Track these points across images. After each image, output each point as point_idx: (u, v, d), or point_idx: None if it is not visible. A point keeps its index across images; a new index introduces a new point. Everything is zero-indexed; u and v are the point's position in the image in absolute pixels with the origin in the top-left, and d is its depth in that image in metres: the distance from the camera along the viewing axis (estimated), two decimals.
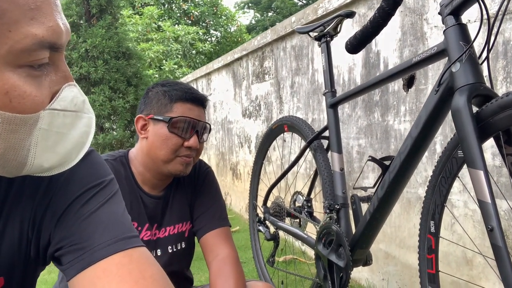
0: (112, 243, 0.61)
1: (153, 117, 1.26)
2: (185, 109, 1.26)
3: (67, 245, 0.62)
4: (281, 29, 3.09)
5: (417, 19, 1.83)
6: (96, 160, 0.71)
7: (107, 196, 0.67)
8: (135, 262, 0.61)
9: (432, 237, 1.17)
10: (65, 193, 0.65)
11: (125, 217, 0.67)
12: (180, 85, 1.30)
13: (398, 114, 1.95)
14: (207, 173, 1.43)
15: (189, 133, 1.25)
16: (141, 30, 12.39)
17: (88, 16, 5.59)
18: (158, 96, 1.28)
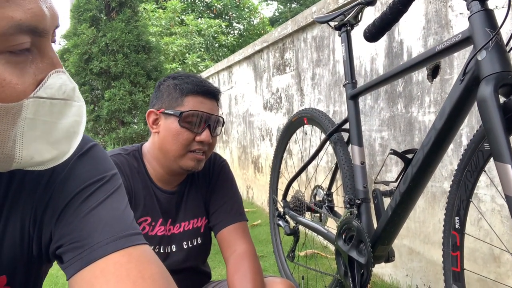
0: (111, 241, 0.59)
1: (164, 111, 1.23)
2: (196, 103, 1.22)
3: (67, 243, 0.60)
4: (301, 19, 3.04)
5: (442, 6, 1.76)
6: (97, 154, 0.69)
7: (108, 192, 0.65)
8: (134, 261, 0.59)
9: (457, 234, 1.12)
10: (65, 190, 0.63)
11: (126, 213, 0.65)
12: (192, 77, 1.26)
13: (423, 105, 1.88)
14: (222, 166, 1.40)
15: (201, 127, 1.22)
16: (164, 24, 12.45)
17: (108, 10, 5.64)
18: (169, 90, 1.25)
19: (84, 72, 5.51)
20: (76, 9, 5.64)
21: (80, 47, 5.45)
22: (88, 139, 0.70)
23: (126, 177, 1.24)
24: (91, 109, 5.59)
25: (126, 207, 0.66)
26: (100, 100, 5.64)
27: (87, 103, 5.63)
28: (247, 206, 4.31)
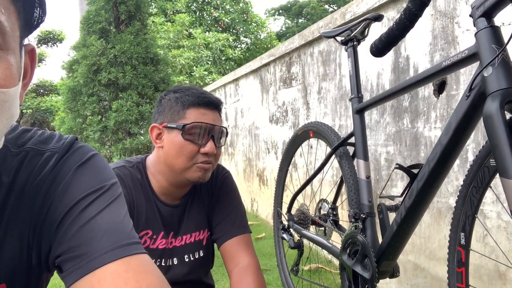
0: (109, 250, 0.59)
1: (167, 125, 1.23)
2: (198, 115, 1.22)
3: (66, 252, 0.60)
4: (308, 34, 3.06)
5: (448, 22, 1.77)
6: (97, 164, 0.69)
7: (107, 201, 0.65)
8: (132, 271, 0.59)
9: (462, 250, 1.12)
10: (64, 199, 0.63)
11: (125, 222, 0.65)
12: (193, 90, 1.26)
13: (429, 121, 1.89)
14: (225, 178, 1.39)
15: (205, 139, 1.22)
16: (172, 37, 12.56)
17: (117, 22, 5.70)
18: (170, 103, 1.25)
19: (92, 83, 5.56)
20: (85, 21, 5.71)
21: (89, 58, 5.50)
22: (88, 149, 0.70)
23: (129, 190, 1.23)
24: (98, 119, 5.63)
25: (125, 216, 0.66)
26: (108, 111, 5.68)
27: (94, 114, 5.66)
28: (251, 219, 4.29)
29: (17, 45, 0.57)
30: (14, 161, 0.65)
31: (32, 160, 0.66)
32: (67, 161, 0.67)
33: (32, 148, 0.67)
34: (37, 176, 0.65)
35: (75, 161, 0.67)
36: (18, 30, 0.57)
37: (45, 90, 13.75)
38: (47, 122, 12.92)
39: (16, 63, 0.56)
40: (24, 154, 0.66)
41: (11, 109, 0.55)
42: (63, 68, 6.04)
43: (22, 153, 0.66)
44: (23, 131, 0.69)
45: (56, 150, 0.67)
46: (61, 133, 0.72)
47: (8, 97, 0.54)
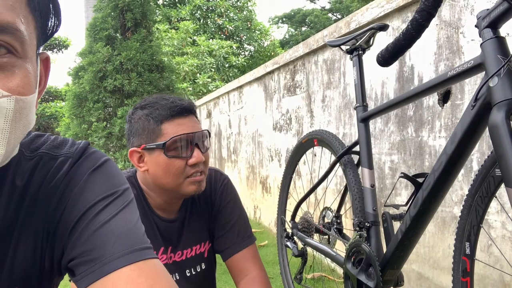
0: (122, 255, 0.60)
1: (146, 147, 1.17)
2: (175, 127, 1.15)
3: (79, 256, 0.61)
4: (313, 42, 3.07)
5: (453, 32, 1.78)
6: (110, 169, 0.70)
7: (120, 206, 0.65)
8: (144, 276, 0.59)
9: (467, 259, 1.12)
10: (78, 204, 0.64)
11: (138, 227, 0.65)
12: (161, 101, 1.19)
13: (433, 130, 1.89)
14: (224, 186, 1.34)
15: (189, 150, 1.16)
16: (176, 44, 12.63)
17: (123, 29, 5.75)
18: (142, 123, 1.18)
19: (98, 89, 5.59)
20: (92, 28, 5.76)
21: (95, 65, 5.54)
22: (100, 155, 0.71)
23: None
24: (103, 126, 5.65)
25: (137, 221, 0.67)
26: (113, 118, 5.70)
27: (100, 120, 5.68)
28: (254, 226, 4.29)
29: (34, 54, 0.58)
30: (28, 165, 0.66)
31: (46, 164, 0.67)
32: (81, 166, 0.68)
33: (46, 153, 0.68)
34: (51, 180, 0.66)
35: (89, 166, 0.68)
36: (35, 38, 0.58)
37: (50, 95, 13.82)
38: (51, 128, 12.96)
39: (33, 71, 0.57)
40: (38, 159, 0.67)
41: (28, 116, 0.56)
42: (69, 75, 6.08)
43: (36, 157, 0.67)
44: (36, 136, 0.70)
45: (69, 155, 0.68)
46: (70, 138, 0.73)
47: (26, 104, 0.55)
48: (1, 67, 0.52)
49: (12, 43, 0.52)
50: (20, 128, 0.55)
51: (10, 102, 0.52)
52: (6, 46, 0.52)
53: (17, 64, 0.54)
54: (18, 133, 0.55)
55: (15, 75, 0.53)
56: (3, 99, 0.51)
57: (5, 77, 0.52)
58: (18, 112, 0.53)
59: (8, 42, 0.52)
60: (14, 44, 0.53)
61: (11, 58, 0.53)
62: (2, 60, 0.52)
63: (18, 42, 0.53)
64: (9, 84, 0.52)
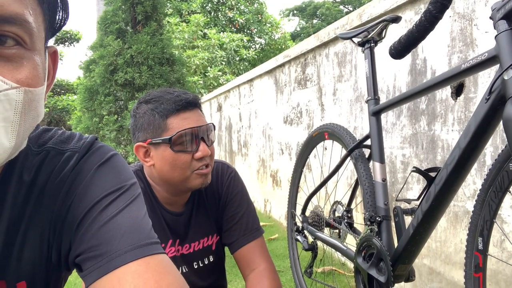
0: (129, 250, 0.60)
1: (151, 142, 1.17)
2: (180, 121, 1.15)
3: (86, 252, 0.61)
4: (324, 35, 3.05)
5: (467, 24, 1.75)
6: (117, 164, 0.70)
7: (127, 201, 0.65)
8: (151, 271, 0.59)
9: (479, 255, 1.10)
10: (85, 199, 0.64)
11: (145, 222, 0.65)
12: (166, 96, 1.18)
13: (446, 123, 1.87)
14: (231, 179, 1.33)
15: (195, 144, 1.16)
16: (187, 37, 12.63)
17: (134, 22, 5.75)
18: (147, 117, 1.17)
19: (109, 83, 5.62)
20: (103, 21, 5.77)
21: (106, 58, 5.56)
22: (108, 149, 0.71)
23: None
24: (114, 119, 5.68)
25: (144, 216, 0.66)
26: (124, 111, 5.73)
27: (111, 113, 5.71)
28: (264, 219, 4.29)
29: (43, 46, 0.58)
30: (35, 160, 0.66)
31: (53, 159, 0.67)
32: (88, 161, 0.67)
33: (53, 147, 0.68)
34: (58, 175, 0.66)
35: (96, 161, 0.68)
36: (44, 31, 0.58)
37: (61, 89, 13.93)
38: (63, 121, 13.08)
39: (42, 64, 0.57)
40: (45, 153, 0.67)
41: (37, 108, 0.56)
42: (81, 68, 6.12)
43: (43, 152, 0.67)
44: (43, 131, 0.70)
45: (76, 149, 0.68)
46: (78, 132, 0.73)
47: (35, 96, 0.55)
48: (10, 58, 0.52)
49: (21, 35, 0.52)
50: (29, 121, 0.55)
51: (19, 93, 0.52)
52: (15, 37, 0.52)
53: (26, 56, 0.54)
54: (27, 126, 0.55)
55: (24, 66, 0.53)
56: (12, 91, 0.51)
57: (14, 69, 0.52)
58: (27, 104, 0.53)
59: (16, 33, 0.52)
60: (23, 36, 0.53)
61: (20, 50, 0.53)
62: (11, 52, 0.52)
63: (27, 33, 0.53)
64: (18, 75, 0.52)
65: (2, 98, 0.50)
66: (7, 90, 0.50)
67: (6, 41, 0.52)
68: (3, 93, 0.50)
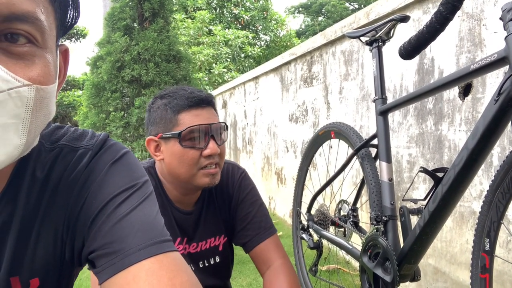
0: (143, 248, 0.60)
1: (162, 136, 1.17)
2: (191, 118, 1.15)
3: (99, 249, 0.62)
4: (330, 33, 3.04)
5: (475, 24, 1.74)
6: (130, 161, 0.70)
7: (140, 198, 0.66)
8: (165, 269, 0.59)
9: (486, 256, 1.10)
10: (98, 196, 0.65)
11: (157, 220, 0.66)
12: (180, 92, 1.19)
13: (453, 124, 1.86)
14: (241, 180, 1.34)
15: (205, 141, 1.16)
16: (192, 34, 12.62)
17: (141, 19, 5.76)
18: (160, 112, 1.19)
19: (116, 79, 5.63)
20: (110, 17, 5.78)
21: (113, 55, 5.57)
22: (120, 147, 0.71)
23: None
24: (121, 115, 5.69)
25: (157, 213, 0.67)
26: (130, 107, 5.74)
27: (117, 110, 5.72)
28: None
29: (54, 45, 0.59)
30: (48, 157, 0.66)
31: (66, 156, 0.67)
32: (101, 158, 0.68)
33: (66, 144, 0.68)
34: (71, 172, 0.66)
35: (109, 158, 0.68)
36: (55, 29, 0.58)
37: (68, 84, 13.97)
38: (69, 117, 13.13)
39: (53, 62, 0.57)
40: (58, 150, 0.67)
41: (49, 106, 0.57)
42: (88, 64, 6.13)
43: (56, 149, 0.67)
44: (56, 128, 0.71)
45: (90, 147, 0.68)
46: (84, 128, 0.73)
47: (47, 94, 0.55)
48: (22, 56, 0.52)
49: (33, 33, 0.53)
50: (40, 118, 0.55)
51: (31, 91, 0.52)
52: (26, 35, 0.52)
53: (37, 54, 0.54)
54: (38, 123, 0.55)
55: (36, 64, 0.53)
56: (24, 88, 0.51)
57: (25, 66, 0.52)
58: (38, 102, 0.54)
59: (28, 31, 0.52)
60: (35, 34, 0.53)
61: (31, 48, 0.53)
62: (23, 49, 0.52)
63: (38, 31, 0.53)
64: (30, 73, 0.52)
65: (13, 96, 0.50)
66: (18, 87, 0.51)
67: (18, 39, 0.52)
68: (14, 90, 0.50)
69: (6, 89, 0.50)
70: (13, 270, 0.63)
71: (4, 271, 0.62)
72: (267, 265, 1.22)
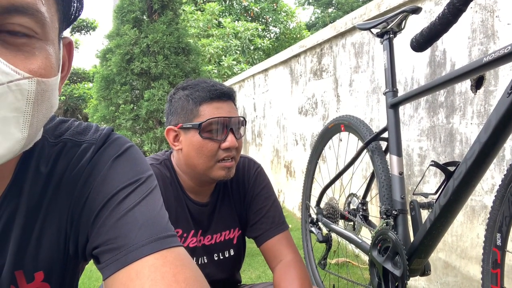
0: (147, 243, 0.60)
1: (182, 126, 1.19)
2: (212, 110, 1.17)
3: (103, 244, 0.61)
4: (341, 25, 3.02)
5: (488, 16, 1.71)
6: (134, 155, 0.69)
7: (144, 193, 0.65)
8: (169, 264, 0.59)
9: (498, 251, 1.09)
10: (102, 191, 0.64)
11: (161, 215, 0.65)
12: (202, 84, 1.20)
13: (465, 117, 1.84)
14: (257, 174, 1.34)
15: (224, 134, 1.17)
16: (202, 26, 12.60)
17: (150, 12, 5.75)
18: (182, 102, 1.20)
19: (125, 72, 5.64)
20: (119, 10, 5.78)
21: (122, 48, 5.58)
22: (124, 141, 0.71)
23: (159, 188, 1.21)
24: (130, 108, 5.71)
25: (161, 208, 0.66)
26: (140, 100, 5.75)
27: (127, 102, 5.74)
28: None
29: (56, 37, 0.58)
30: (51, 152, 0.66)
31: (69, 151, 0.67)
32: (104, 153, 0.67)
33: (70, 139, 0.68)
34: (74, 167, 0.66)
35: (112, 152, 0.67)
36: (57, 22, 0.58)
37: (77, 77, 14.04)
38: (79, 109, 13.21)
39: (55, 54, 0.57)
40: (61, 145, 0.67)
41: (51, 99, 0.56)
42: (97, 57, 6.14)
43: (59, 143, 0.67)
44: (60, 122, 0.70)
45: (93, 141, 0.68)
46: (94, 120, 0.72)
47: (48, 87, 0.54)
48: (22, 48, 0.52)
49: (32, 25, 0.52)
50: (42, 111, 0.55)
51: (32, 84, 0.51)
52: (26, 27, 0.52)
53: (38, 46, 0.53)
54: (40, 117, 0.55)
55: (36, 56, 0.53)
56: (24, 81, 0.50)
57: (25, 59, 0.52)
58: (40, 95, 0.53)
59: (28, 23, 0.51)
60: (35, 26, 0.52)
61: (32, 40, 0.52)
62: (22, 41, 0.51)
63: (39, 23, 0.52)
64: (30, 65, 0.52)
65: (13, 88, 0.49)
66: (19, 80, 0.50)
67: (18, 31, 0.51)
68: (14, 83, 0.50)
69: (6, 82, 0.49)
70: (17, 263, 0.63)
71: (9, 264, 0.62)
72: (278, 260, 1.23)
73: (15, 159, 0.62)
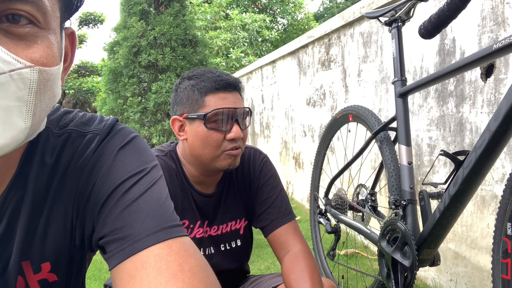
0: (152, 233, 0.60)
1: (187, 116, 1.19)
2: (218, 100, 1.16)
3: (109, 234, 0.61)
4: (349, 14, 2.99)
5: (498, 2, 1.68)
6: (138, 146, 0.69)
7: (149, 183, 0.65)
8: (174, 254, 0.59)
9: (508, 240, 1.08)
10: (107, 181, 0.64)
11: (167, 204, 0.65)
12: (208, 74, 1.20)
13: (475, 105, 1.82)
14: (263, 164, 1.34)
15: (229, 125, 1.17)
16: (209, 18, 12.57)
17: (157, 4, 5.74)
18: (187, 92, 1.20)
19: (133, 64, 5.64)
20: (126, 2, 5.77)
21: (129, 40, 5.57)
22: (129, 131, 0.71)
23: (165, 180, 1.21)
24: (138, 101, 5.72)
25: (166, 198, 0.66)
26: (147, 93, 5.76)
27: (135, 95, 5.75)
28: None
29: (58, 26, 0.58)
30: (56, 142, 0.66)
31: (74, 141, 0.67)
32: (109, 143, 0.67)
33: (74, 129, 0.68)
34: (79, 157, 0.66)
35: (117, 143, 0.67)
36: (58, 11, 0.57)
37: (86, 71, 14.09)
38: (88, 103, 13.28)
39: (57, 43, 0.56)
40: (66, 136, 0.67)
41: (53, 88, 0.56)
42: (105, 50, 6.14)
43: (64, 134, 0.67)
44: (64, 113, 0.70)
45: (98, 132, 0.68)
46: (102, 113, 0.72)
47: (50, 76, 0.54)
48: (23, 37, 0.51)
49: (34, 13, 0.52)
50: (45, 101, 0.55)
51: (34, 73, 0.51)
52: (28, 16, 0.51)
53: (39, 35, 0.53)
54: (43, 106, 0.55)
55: (38, 45, 0.53)
56: (26, 70, 0.50)
57: (27, 47, 0.51)
58: (42, 84, 0.53)
59: (29, 12, 0.51)
60: (36, 14, 0.52)
61: (33, 29, 0.52)
62: (24, 30, 0.51)
63: (40, 12, 0.52)
64: (32, 54, 0.51)
65: (15, 77, 0.49)
66: (21, 69, 0.50)
67: (19, 20, 0.51)
68: (16, 72, 0.49)
69: (8, 71, 0.49)
70: (24, 254, 0.63)
71: (15, 255, 0.62)
72: (286, 250, 1.22)
73: (20, 150, 0.63)
